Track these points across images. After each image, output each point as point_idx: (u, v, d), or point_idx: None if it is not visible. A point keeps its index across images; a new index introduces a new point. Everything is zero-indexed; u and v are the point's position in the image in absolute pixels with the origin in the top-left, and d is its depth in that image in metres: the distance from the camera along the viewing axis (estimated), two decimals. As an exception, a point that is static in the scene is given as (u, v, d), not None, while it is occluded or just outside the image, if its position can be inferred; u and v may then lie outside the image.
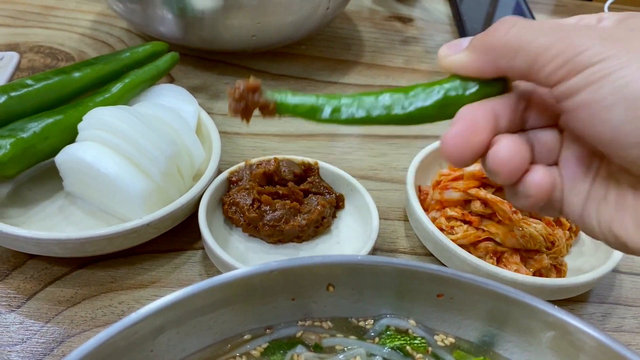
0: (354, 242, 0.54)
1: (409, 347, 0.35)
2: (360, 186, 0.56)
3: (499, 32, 0.29)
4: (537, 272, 0.50)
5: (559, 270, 0.51)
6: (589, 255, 0.55)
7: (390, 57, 0.86)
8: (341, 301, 0.36)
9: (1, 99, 0.52)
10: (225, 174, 0.54)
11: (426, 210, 0.55)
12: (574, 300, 0.52)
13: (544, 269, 0.50)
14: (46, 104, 0.54)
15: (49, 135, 0.52)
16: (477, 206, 0.51)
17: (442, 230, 0.51)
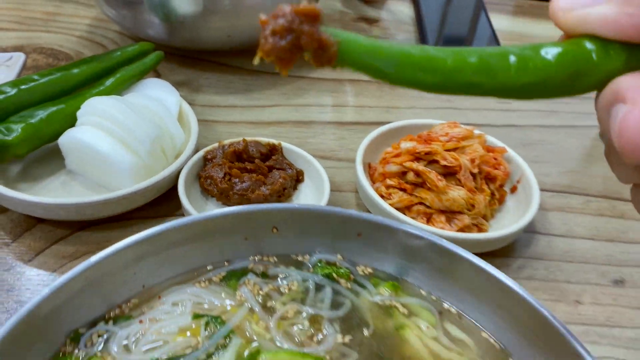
0: (310, 208, 0.64)
1: (335, 275, 0.45)
2: (317, 163, 0.66)
3: None
4: (460, 230, 0.60)
5: (480, 229, 0.61)
6: (511, 220, 0.65)
7: (355, 54, 0.96)
8: (284, 240, 0.46)
9: (13, 91, 0.62)
10: (201, 153, 0.64)
11: (374, 182, 0.65)
12: (495, 254, 0.62)
13: (466, 227, 0.60)
14: (50, 95, 0.65)
15: (53, 121, 0.62)
16: (411, 176, 0.62)
17: (382, 196, 0.62)
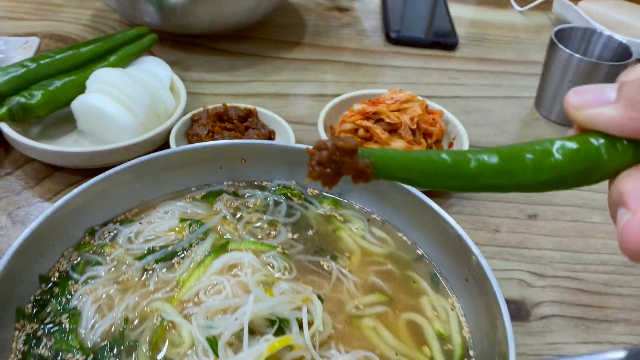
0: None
1: (290, 194, 0.58)
2: (286, 124, 0.79)
3: None
4: (401, 174, 0.73)
5: (418, 174, 0.75)
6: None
7: (326, 38, 1.09)
8: (251, 170, 0.59)
9: (33, 65, 0.75)
10: (189, 115, 0.78)
11: (333, 139, 0.78)
12: (432, 194, 0.75)
13: (406, 172, 0.74)
14: (63, 69, 0.78)
15: (67, 89, 0.75)
16: (361, 132, 0.75)
17: (337, 148, 0.75)
